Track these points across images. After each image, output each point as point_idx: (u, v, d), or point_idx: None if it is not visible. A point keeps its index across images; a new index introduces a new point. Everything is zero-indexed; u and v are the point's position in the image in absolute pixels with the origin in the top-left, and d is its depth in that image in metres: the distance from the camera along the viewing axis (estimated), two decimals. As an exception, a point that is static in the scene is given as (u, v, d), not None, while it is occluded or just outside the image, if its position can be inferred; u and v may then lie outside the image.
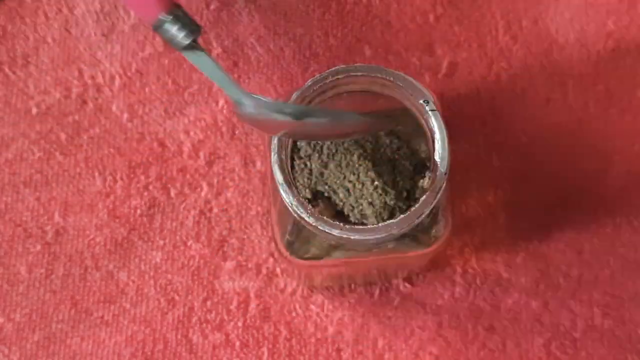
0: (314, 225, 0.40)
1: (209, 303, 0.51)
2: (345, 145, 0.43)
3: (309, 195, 0.43)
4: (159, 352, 0.51)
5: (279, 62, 0.53)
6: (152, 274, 0.51)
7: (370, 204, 0.42)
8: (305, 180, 0.43)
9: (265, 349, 0.51)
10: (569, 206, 0.52)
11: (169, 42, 0.43)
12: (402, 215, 0.41)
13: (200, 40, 0.43)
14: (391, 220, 0.41)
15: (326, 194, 0.43)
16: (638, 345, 0.51)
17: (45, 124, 0.52)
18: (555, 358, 0.51)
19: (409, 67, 0.53)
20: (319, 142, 0.43)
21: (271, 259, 0.51)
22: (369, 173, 0.42)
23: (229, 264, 0.51)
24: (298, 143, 0.43)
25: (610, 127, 0.53)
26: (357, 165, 0.42)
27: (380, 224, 0.41)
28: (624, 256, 0.51)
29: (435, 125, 0.41)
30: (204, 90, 0.53)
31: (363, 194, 0.42)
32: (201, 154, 0.52)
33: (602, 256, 0.51)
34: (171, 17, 0.42)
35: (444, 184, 0.41)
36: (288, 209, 0.41)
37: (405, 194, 0.42)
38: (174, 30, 0.42)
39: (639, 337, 0.51)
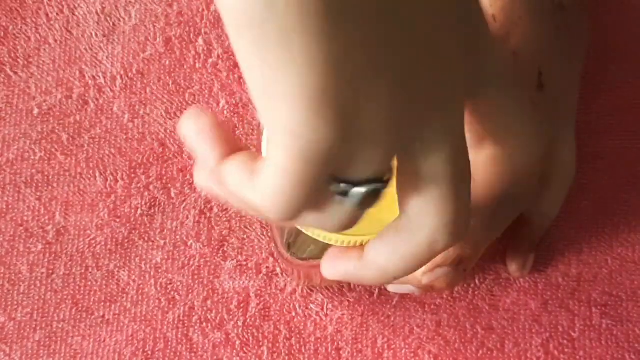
0: (314, 225, 0.41)
1: (209, 302, 0.51)
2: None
3: None
4: (159, 351, 0.51)
5: (279, 63, 0.53)
6: (152, 273, 0.51)
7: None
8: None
9: (265, 348, 0.51)
10: (568, 205, 0.52)
11: None
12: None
13: (201, 40, 0.43)
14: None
15: None
16: (636, 345, 0.51)
17: (46, 124, 0.53)
18: (554, 357, 0.51)
19: (409, 68, 0.53)
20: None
21: (271, 259, 0.51)
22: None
23: (229, 264, 0.51)
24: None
25: (607, 127, 0.53)
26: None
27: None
28: (623, 256, 0.52)
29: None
30: (204, 90, 0.53)
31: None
32: (202, 154, 0.52)
33: (600, 256, 0.52)
34: None
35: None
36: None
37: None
38: None
39: (637, 336, 0.51)
